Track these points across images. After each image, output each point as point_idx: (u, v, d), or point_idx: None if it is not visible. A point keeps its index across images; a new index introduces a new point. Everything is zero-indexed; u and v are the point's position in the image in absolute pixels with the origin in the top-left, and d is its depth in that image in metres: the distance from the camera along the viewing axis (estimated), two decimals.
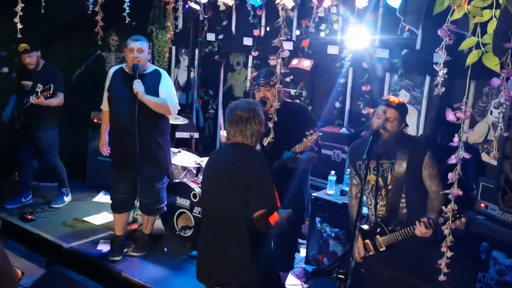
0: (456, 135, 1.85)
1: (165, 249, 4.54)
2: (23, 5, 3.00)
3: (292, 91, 5.20)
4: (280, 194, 2.93)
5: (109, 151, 4.43)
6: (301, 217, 3.85)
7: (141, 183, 4.25)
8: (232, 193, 2.78)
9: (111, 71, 4.34)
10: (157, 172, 4.31)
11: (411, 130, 4.64)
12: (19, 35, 3.02)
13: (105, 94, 4.33)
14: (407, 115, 3.22)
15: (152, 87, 4.12)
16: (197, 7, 5.55)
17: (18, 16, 3.00)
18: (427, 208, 3.05)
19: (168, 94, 4.20)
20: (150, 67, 4.28)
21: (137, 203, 4.49)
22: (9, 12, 3.21)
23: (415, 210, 3.10)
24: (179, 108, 4.41)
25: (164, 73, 4.32)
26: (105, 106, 4.38)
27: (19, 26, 3.00)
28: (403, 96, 4.70)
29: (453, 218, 2.62)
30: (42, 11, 3.62)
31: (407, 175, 3.05)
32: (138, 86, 3.99)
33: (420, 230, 2.89)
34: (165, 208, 4.53)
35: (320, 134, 3.31)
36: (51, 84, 4.95)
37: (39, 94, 4.95)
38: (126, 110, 4.04)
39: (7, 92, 5.50)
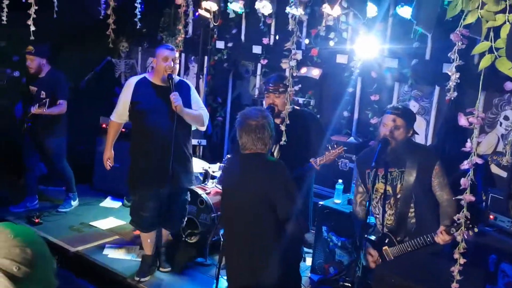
0: (468, 140, 1.84)
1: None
2: (36, 7, 3.03)
3: (301, 100, 5.21)
4: None
5: (111, 166, 4.20)
6: (306, 226, 3.85)
7: (171, 198, 4.07)
8: (259, 203, 2.79)
9: (133, 81, 4.01)
10: (186, 185, 4.16)
11: (419, 140, 4.63)
12: (32, 37, 3.05)
13: (122, 105, 4.01)
14: (416, 125, 3.22)
15: (184, 99, 3.92)
16: (207, 14, 5.61)
17: (31, 19, 3.04)
18: (440, 216, 3.01)
19: (200, 106, 4.09)
20: (178, 78, 4.10)
21: None
22: (22, 16, 3.25)
23: (424, 220, 3.07)
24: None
25: (190, 83, 4.18)
26: (119, 118, 4.09)
27: (32, 28, 3.03)
28: (412, 106, 4.68)
29: (466, 226, 2.59)
30: (55, 16, 3.67)
31: (416, 184, 3.03)
32: (177, 100, 3.79)
33: (443, 238, 2.82)
34: None
35: (345, 148, 3.30)
36: (47, 100, 4.93)
37: (36, 107, 4.92)
38: (163, 123, 3.84)
39: (18, 96, 5.54)
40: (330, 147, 3.31)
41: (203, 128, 4.18)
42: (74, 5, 5.34)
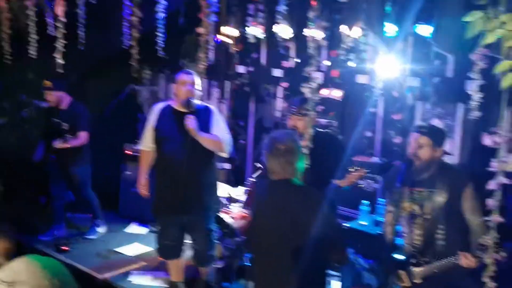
0: (494, 159, 1.81)
1: None
2: (63, 41, 3.14)
3: (323, 121, 5.20)
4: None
5: (150, 194, 4.19)
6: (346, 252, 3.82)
7: (191, 228, 4.02)
8: (291, 230, 2.69)
9: (156, 108, 4.03)
10: (207, 215, 4.03)
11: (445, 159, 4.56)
12: (59, 70, 3.15)
13: (147, 133, 4.02)
14: None
15: (204, 124, 3.84)
16: (227, 40, 5.70)
17: (59, 52, 3.14)
18: (471, 242, 2.94)
19: (221, 131, 3.93)
20: (200, 103, 4.03)
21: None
22: (49, 48, 3.37)
23: (452, 242, 3.00)
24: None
25: (215, 109, 4.09)
26: (146, 146, 4.07)
27: (61, 62, 3.13)
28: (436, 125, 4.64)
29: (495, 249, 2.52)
30: (82, 48, 3.80)
31: (446, 205, 2.97)
32: (191, 123, 3.71)
33: (467, 262, 2.76)
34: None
35: (367, 170, 3.24)
36: (69, 135, 5.03)
37: (59, 142, 5.01)
38: (178, 150, 3.79)
39: (45, 126, 5.68)
40: (351, 169, 3.26)
41: (224, 155, 4.04)
42: (99, 37, 5.49)
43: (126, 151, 6.11)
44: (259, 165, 4.19)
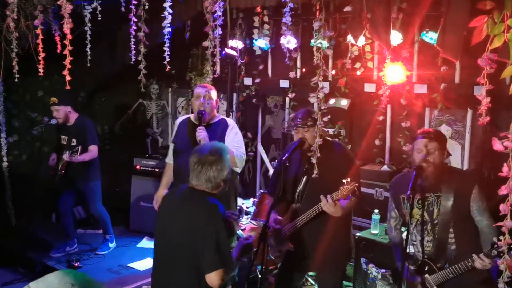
0: (505, 164, 1.79)
1: None
2: (71, 58, 3.17)
3: (331, 131, 5.19)
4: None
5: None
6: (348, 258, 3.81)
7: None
8: None
9: (178, 121, 4.16)
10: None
11: (455, 165, 4.52)
12: (67, 87, 3.18)
13: (171, 146, 4.18)
14: (451, 150, 3.15)
15: (218, 137, 3.78)
16: (233, 53, 5.73)
17: (66, 69, 3.17)
18: (482, 245, 2.90)
19: (235, 145, 3.87)
20: (218, 117, 4.08)
21: None
22: (57, 66, 3.40)
23: (465, 246, 2.96)
24: (245, 159, 4.00)
25: (231, 123, 4.09)
26: (169, 159, 4.22)
27: (68, 78, 3.16)
28: (445, 131, 4.61)
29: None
30: (88, 64, 3.83)
31: (454, 209, 2.94)
32: (201, 133, 3.71)
33: (482, 262, 2.72)
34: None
35: (357, 184, 3.19)
36: (79, 147, 5.03)
37: (68, 154, 5.01)
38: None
39: (54, 143, 5.73)
40: (344, 182, 3.19)
41: (237, 169, 3.93)
42: (106, 53, 5.55)
43: (136, 166, 6.14)
44: None
